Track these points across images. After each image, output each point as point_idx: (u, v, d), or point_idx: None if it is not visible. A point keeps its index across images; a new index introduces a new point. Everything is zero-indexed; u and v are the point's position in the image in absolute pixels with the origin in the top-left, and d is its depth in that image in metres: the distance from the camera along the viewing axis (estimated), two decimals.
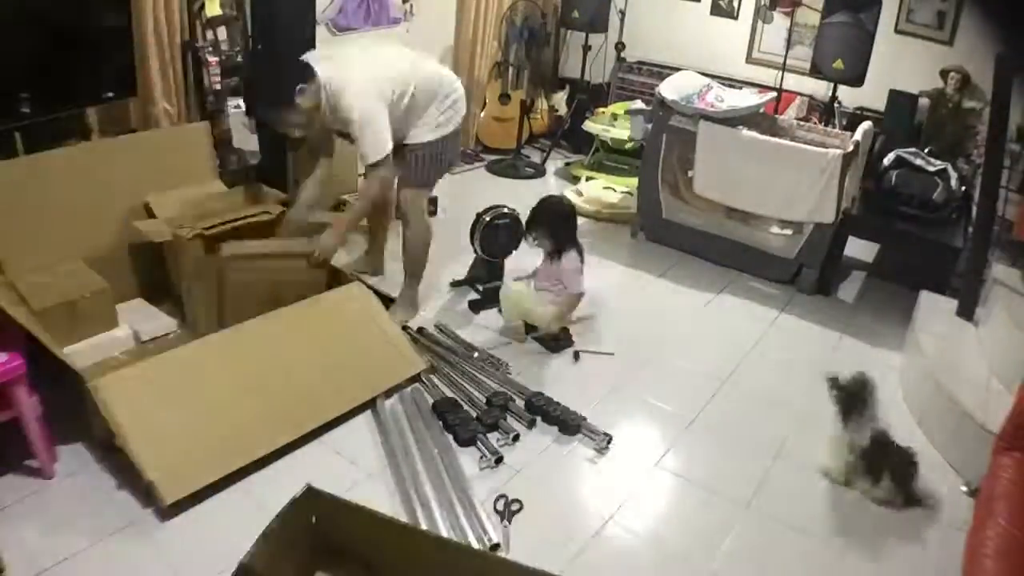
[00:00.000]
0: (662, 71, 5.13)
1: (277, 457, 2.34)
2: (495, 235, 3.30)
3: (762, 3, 4.99)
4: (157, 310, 2.94)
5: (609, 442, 2.53)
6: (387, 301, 3.14)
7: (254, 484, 2.25)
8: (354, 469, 2.35)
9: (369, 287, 3.07)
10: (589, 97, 5.49)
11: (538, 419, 2.63)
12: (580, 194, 4.72)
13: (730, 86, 4.33)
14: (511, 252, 3.40)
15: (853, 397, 2.40)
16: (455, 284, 3.50)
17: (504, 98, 5.47)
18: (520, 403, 2.69)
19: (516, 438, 2.52)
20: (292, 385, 2.48)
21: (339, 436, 2.49)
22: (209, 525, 2.09)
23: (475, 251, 3.36)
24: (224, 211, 2.97)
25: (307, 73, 2.75)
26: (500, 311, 3.19)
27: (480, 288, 3.42)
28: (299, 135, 2.97)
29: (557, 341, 3.08)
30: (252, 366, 2.48)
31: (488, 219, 3.27)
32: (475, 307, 3.34)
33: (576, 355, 3.06)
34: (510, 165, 5.30)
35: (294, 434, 2.40)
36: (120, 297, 2.84)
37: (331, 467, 2.35)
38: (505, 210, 3.31)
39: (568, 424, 2.58)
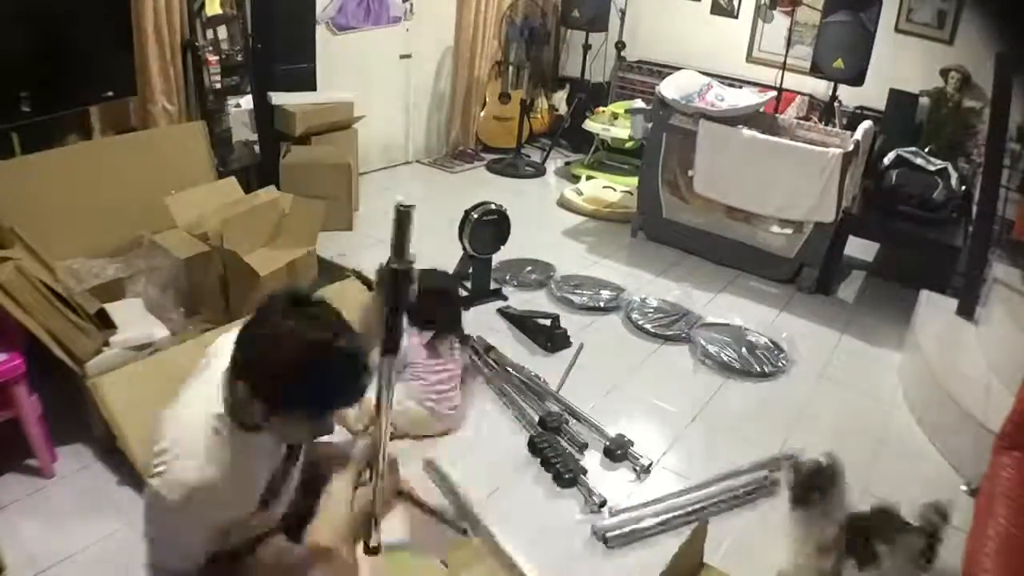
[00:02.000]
0: (662, 70, 5.13)
1: None
2: (483, 232, 3.29)
3: (762, 2, 4.99)
4: (145, 311, 2.89)
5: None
6: None
7: None
8: None
9: (367, 282, 3.06)
10: (589, 96, 5.49)
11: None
12: (580, 193, 4.72)
13: (730, 85, 4.33)
14: (499, 249, 3.40)
15: (813, 486, 1.94)
16: None
17: (504, 97, 5.47)
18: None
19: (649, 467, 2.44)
20: None
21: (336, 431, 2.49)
22: None
23: (464, 248, 3.34)
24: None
25: None
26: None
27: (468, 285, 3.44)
28: None
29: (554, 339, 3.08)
30: None
31: (476, 216, 3.26)
32: (465, 303, 3.34)
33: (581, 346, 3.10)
34: (510, 164, 5.30)
35: None
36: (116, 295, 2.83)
37: None
38: (492, 206, 3.30)
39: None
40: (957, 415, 2.58)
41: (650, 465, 2.46)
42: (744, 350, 3.13)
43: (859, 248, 4.10)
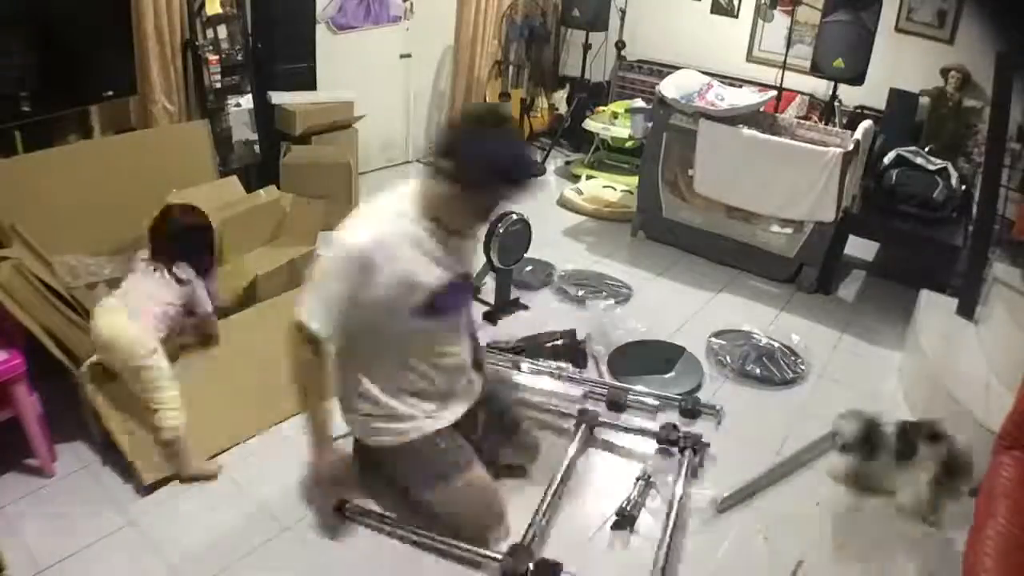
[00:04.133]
0: (662, 69, 5.13)
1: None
2: (508, 243, 3.26)
3: (762, 2, 4.99)
4: None
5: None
6: None
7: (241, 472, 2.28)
8: None
9: None
10: (589, 95, 5.49)
11: None
12: (580, 192, 4.72)
13: (730, 84, 4.32)
14: (521, 258, 3.37)
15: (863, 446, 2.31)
16: None
17: (504, 96, 5.46)
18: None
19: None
20: (276, 375, 2.46)
21: None
22: (206, 522, 2.09)
23: (490, 262, 3.30)
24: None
25: None
26: None
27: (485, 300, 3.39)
28: None
29: None
30: (240, 356, 2.52)
31: (503, 229, 3.22)
32: (491, 318, 3.31)
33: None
34: None
35: (274, 420, 2.47)
36: None
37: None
38: (514, 216, 3.27)
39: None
40: (957, 415, 2.58)
41: (722, 409, 2.68)
42: (764, 358, 3.12)
43: (859, 248, 4.10)
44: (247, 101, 3.80)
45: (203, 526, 2.08)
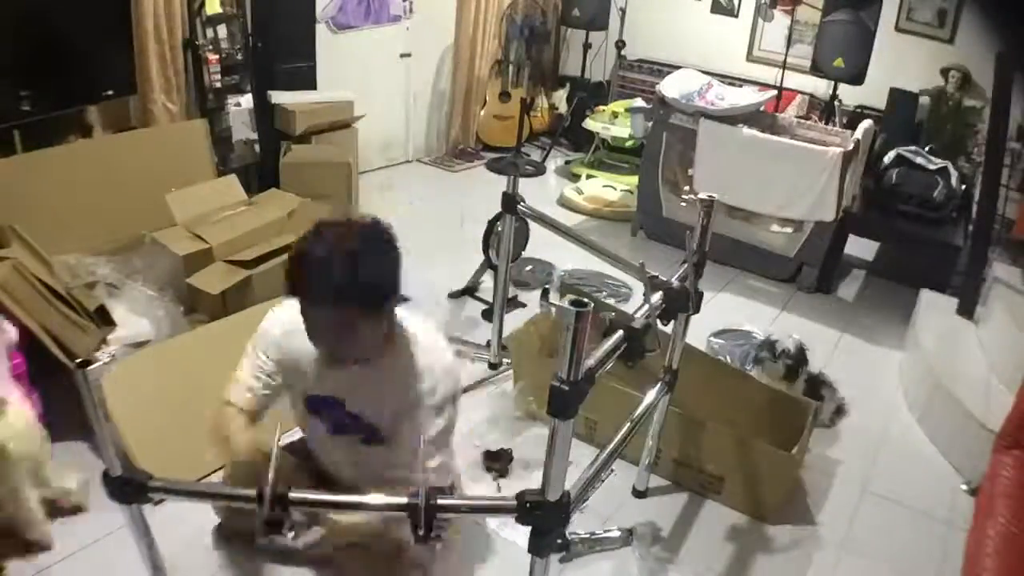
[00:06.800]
0: (662, 69, 5.12)
1: None
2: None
3: (762, 1, 4.98)
4: (144, 309, 2.87)
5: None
6: None
7: None
8: None
9: None
10: (589, 95, 5.48)
11: None
12: (580, 192, 4.72)
13: (730, 84, 4.32)
14: (520, 256, 3.37)
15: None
16: (454, 295, 3.46)
17: (504, 96, 5.46)
18: None
19: None
20: None
21: None
22: (206, 523, 2.09)
23: (489, 259, 3.29)
24: (245, 224, 2.95)
25: None
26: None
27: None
28: None
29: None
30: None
31: (501, 228, 3.19)
32: (490, 317, 3.31)
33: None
34: (510, 163, 5.29)
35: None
36: None
37: None
38: None
39: None
40: (957, 415, 2.58)
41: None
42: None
43: (859, 247, 4.10)
44: (247, 101, 3.80)
45: (203, 527, 2.08)
